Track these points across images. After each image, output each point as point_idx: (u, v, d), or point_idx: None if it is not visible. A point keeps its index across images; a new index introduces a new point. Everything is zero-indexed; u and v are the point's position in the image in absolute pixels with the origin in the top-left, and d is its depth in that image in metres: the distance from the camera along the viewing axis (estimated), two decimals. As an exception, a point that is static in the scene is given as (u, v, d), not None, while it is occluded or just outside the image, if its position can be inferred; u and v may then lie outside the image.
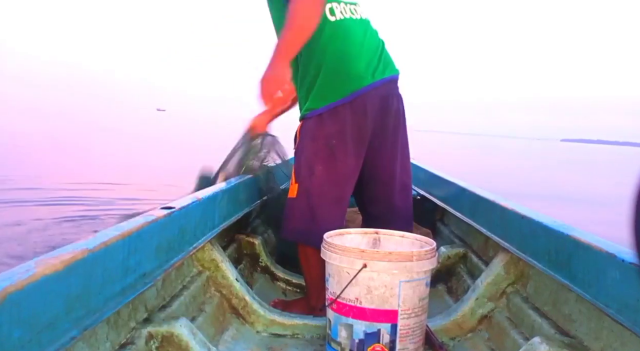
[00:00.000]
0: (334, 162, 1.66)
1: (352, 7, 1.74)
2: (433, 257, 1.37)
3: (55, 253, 0.86)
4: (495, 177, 12.80)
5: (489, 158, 26.92)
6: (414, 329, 1.34)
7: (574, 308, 1.30)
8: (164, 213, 1.26)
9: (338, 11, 1.70)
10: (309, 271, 1.78)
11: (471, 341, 1.60)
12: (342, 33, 1.68)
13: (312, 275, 1.76)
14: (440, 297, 2.02)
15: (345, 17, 1.70)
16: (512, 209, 1.61)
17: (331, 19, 1.68)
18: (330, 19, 1.68)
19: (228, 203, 1.81)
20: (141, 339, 1.16)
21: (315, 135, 1.69)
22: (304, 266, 1.80)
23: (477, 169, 15.37)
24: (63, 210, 4.73)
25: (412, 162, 2.09)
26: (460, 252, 2.12)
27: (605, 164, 29.31)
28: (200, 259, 1.70)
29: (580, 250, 1.20)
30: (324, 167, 1.67)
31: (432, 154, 22.72)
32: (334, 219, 1.68)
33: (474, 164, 18.89)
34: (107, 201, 5.40)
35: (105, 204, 5.22)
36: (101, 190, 6.05)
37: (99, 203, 5.24)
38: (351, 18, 1.72)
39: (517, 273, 1.63)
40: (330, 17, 1.68)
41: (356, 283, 1.32)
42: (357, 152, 1.69)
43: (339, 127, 1.65)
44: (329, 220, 1.66)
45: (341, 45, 1.67)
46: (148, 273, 1.16)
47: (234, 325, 1.66)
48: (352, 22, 1.71)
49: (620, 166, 26.73)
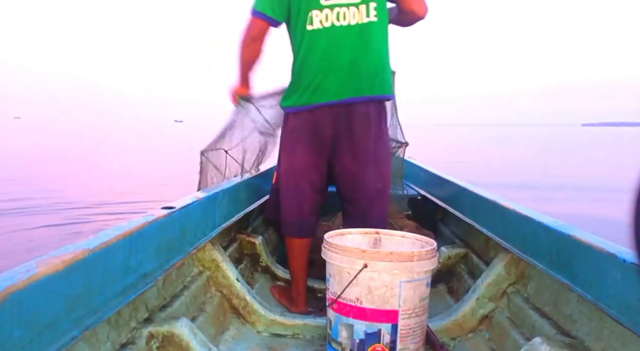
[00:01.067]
0: (293, 153, 1.80)
1: (342, 11, 1.67)
2: (434, 257, 1.37)
3: (56, 253, 0.86)
4: (517, 168, 12.69)
5: (512, 148, 26.40)
6: (414, 329, 1.34)
7: (574, 309, 1.30)
8: (165, 213, 1.26)
9: (317, 19, 1.68)
10: (289, 257, 1.89)
11: (472, 341, 1.60)
12: (312, 45, 1.69)
13: (290, 262, 1.89)
14: (441, 297, 2.02)
15: (323, 27, 1.68)
16: (513, 209, 1.61)
17: (308, 28, 1.69)
18: (308, 29, 1.69)
19: (229, 203, 1.82)
20: (142, 339, 1.16)
21: (284, 129, 1.86)
22: (287, 253, 1.92)
23: (495, 160, 15.27)
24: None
25: (412, 162, 2.08)
26: (461, 252, 2.12)
27: (629, 148, 28.29)
28: (200, 259, 1.70)
29: (581, 251, 1.20)
30: (285, 157, 1.84)
31: (457, 147, 22.55)
32: (292, 208, 1.82)
33: (493, 155, 18.81)
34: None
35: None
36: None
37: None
38: (331, 27, 1.67)
39: (518, 273, 1.62)
40: (308, 27, 1.69)
41: (357, 283, 1.32)
42: (315, 151, 1.76)
43: (299, 124, 1.77)
44: (288, 208, 1.83)
45: (308, 57, 1.70)
46: (149, 273, 1.16)
47: (234, 325, 1.66)
48: (329, 32, 1.68)
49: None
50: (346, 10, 1.68)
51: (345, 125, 1.72)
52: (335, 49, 1.68)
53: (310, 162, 1.77)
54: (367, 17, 1.69)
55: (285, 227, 1.85)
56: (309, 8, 1.68)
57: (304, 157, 1.77)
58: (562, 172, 11.96)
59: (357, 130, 1.72)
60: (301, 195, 1.80)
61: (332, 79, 1.69)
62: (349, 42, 1.68)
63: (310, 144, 1.75)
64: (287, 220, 1.83)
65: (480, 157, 17.77)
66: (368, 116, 1.73)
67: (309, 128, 1.74)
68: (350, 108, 1.71)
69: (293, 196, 1.81)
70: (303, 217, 1.81)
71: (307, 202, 1.80)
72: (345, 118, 1.71)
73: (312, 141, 1.75)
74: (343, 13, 1.68)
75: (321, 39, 1.69)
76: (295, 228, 1.83)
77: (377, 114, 1.76)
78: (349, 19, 1.68)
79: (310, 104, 1.72)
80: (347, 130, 1.72)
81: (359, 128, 1.72)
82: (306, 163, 1.77)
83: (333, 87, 1.69)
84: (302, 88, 1.74)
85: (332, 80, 1.69)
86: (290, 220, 1.82)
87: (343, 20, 1.68)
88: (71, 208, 5.70)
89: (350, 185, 1.78)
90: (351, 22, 1.68)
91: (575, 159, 17.66)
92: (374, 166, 1.77)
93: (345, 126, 1.72)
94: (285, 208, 1.84)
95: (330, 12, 1.67)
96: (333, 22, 1.68)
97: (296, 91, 1.76)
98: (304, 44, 1.71)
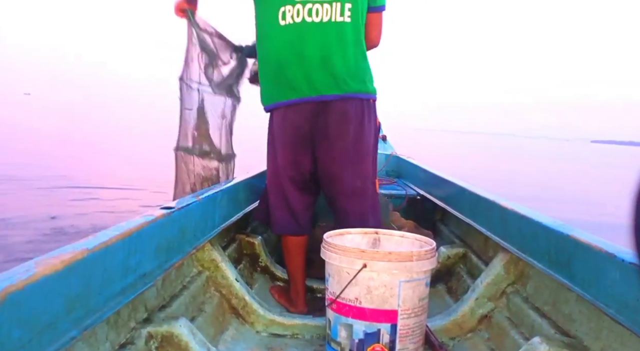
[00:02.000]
0: (274, 154, 1.81)
1: (315, 7, 1.65)
2: (433, 257, 1.37)
3: (55, 253, 0.86)
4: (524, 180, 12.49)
5: (519, 160, 26.29)
6: (413, 329, 1.34)
7: (573, 308, 1.30)
8: (164, 213, 1.26)
9: (289, 15, 1.66)
10: (285, 257, 1.90)
11: (471, 341, 1.60)
12: (284, 40, 1.68)
13: (287, 262, 1.90)
14: (440, 297, 2.02)
15: (294, 22, 1.66)
16: (511, 209, 1.61)
17: (281, 23, 1.67)
18: (281, 24, 1.67)
19: (228, 203, 1.81)
20: (141, 339, 1.16)
21: (268, 130, 1.84)
22: (283, 253, 1.92)
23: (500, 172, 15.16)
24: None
25: (411, 162, 2.07)
26: (460, 251, 2.12)
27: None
28: (200, 259, 1.70)
29: (580, 250, 1.20)
30: (268, 157, 1.85)
31: (466, 156, 22.34)
32: (278, 206, 1.84)
33: (500, 166, 18.67)
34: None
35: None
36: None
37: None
38: (302, 22, 1.66)
39: (517, 273, 1.63)
40: (280, 22, 1.67)
41: (356, 283, 1.32)
42: (293, 148, 1.75)
43: (277, 124, 1.77)
44: (275, 207, 1.85)
45: (280, 52, 1.69)
46: (148, 273, 1.16)
47: (233, 325, 1.66)
48: (301, 27, 1.66)
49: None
50: (319, 6, 1.66)
51: (322, 122, 1.70)
52: (306, 44, 1.66)
53: (289, 160, 1.77)
54: (341, 16, 1.67)
55: (275, 226, 1.86)
56: (281, 3, 1.66)
57: (283, 155, 1.77)
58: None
59: (333, 128, 1.70)
60: (285, 193, 1.81)
61: (304, 74, 1.67)
62: (320, 38, 1.66)
63: (289, 142, 1.75)
64: (277, 219, 1.85)
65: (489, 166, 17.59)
66: (346, 114, 1.70)
67: (286, 126, 1.74)
68: (327, 106, 1.69)
69: (278, 195, 1.83)
70: (291, 214, 1.82)
71: (293, 199, 1.81)
72: (321, 116, 1.70)
73: (290, 138, 1.74)
74: (315, 9, 1.66)
75: (292, 34, 1.66)
76: (286, 225, 1.84)
77: (358, 112, 1.72)
78: (321, 15, 1.66)
79: (286, 100, 1.72)
80: (323, 128, 1.71)
81: (335, 125, 1.70)
82: (285, 161, 1.77)
83: (306, 83, 1.68)
84: (275, 85, 1.74)
85: (304, 76, 1.68)
86: (279, 218, 1.84)
87: (315, 17, 1.66)
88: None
89: (329, 183, 1.78)
90: (324, 19, 1.66)
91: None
92: (352, 164, 1.75)
93: (322, 123, 1.70)
94: (273, 207, 1.85)
95: (302, 8, 1.66)
96: (304, 17, 1.66)
97: (270, 88, 1.77)
98: (275, 40, 1.70)
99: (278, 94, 1.74)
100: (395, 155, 3.62)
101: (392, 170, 3.52)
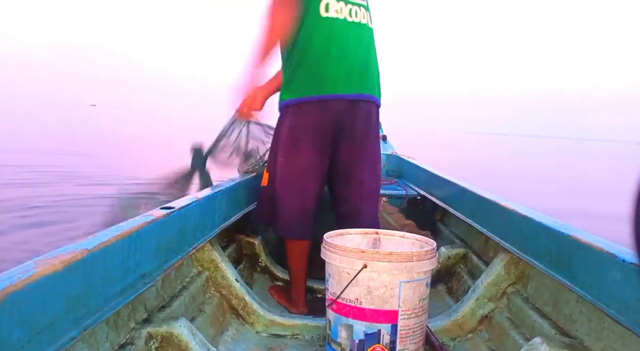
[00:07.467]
0: (296, 154, 1.73)
1: (354, 9, 1.68)
2: (433, 257, 1.37)
3: (55, 253, 0.86)
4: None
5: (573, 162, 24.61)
6: (414, 329, 1.34)
7: (574, 309, 1.30)
8: (164, 213, 1.26)
9: (333, 9, 1.65)
10: (289, 259, 1.87)
11: (471, 341, 1.60)
12: (329, 32, 1.64)
13: (290, 264, 1.86)
14: (440, 297, 2.02)
15: (338, 17, 1.65)
16: (512, 209, 1.61)
17: (323, 14, 1.64)
18: (322, 15, 1.64)
19: (228, 203, 1.81)
20: (141, 339, 1.16)
21: (283, 127, 1.76)
22: (287, 255, 1.88)
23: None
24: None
25: (411, 162, 2.07)
26: (461, 252, 2.11)
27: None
28: (199, 259, 1.69)
29: (581, 251, 1.20)
30: (286, 158, 1.75)
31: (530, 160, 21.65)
32: (294, 209, 1.76)
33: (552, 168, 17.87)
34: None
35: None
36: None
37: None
38: (345, 20, 1.66)
39: (518, 273, 1.62)
40: (323, 13, 1.64)
41: (356, 284, 1.32)
42: (319, 149, 1.72)
43: (303, 122, 1.70)
44: (290, 210, 1.76)
45: (323, 44, 1.65)
46: (148, 273, 1.16)
47: (233, 325, 1.66)
48: (345, 24, 1.66)
49: None
50: (357, 9, 1.69)
51: (349, 121, 1.70)
52: (349, 41, 1.66)
53: (313, 161, 1.72)
54: (370, 22, 1.75)
55: (286, 229, 1.79)
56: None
57: (308, 156, 1.71)
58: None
59: (359, 128, 1.71)
60: (305, 195, 1.75)
61: (345, 71, 1.65)
62: (359, 38, 1.69)
63: (314, 142, 1.70)
64: (289, 222, 1.78)
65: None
66: (369, 115, 1.73)
67: (312, 124, 1.68)
68: (355, 105, 1.69)
69: (296, 197, 1.75)
70: (306, 218, 1.77)
71: (310, 202, 1.76)
72: (350, 115, 1.69)
73: (315, 138, 1.70)
74: (355, 11, 1.69)
75: (337, 28, 1.65)
76: (298, 230, 1.78)
77: (376, 116, 1.77)
78: (360, 17, 1.70)
79: (319, 95, 1.65)
80: (350, 127, 1.70)
81: (361, 126, 1.72)
82: (310, 162, 1.72)
83: (344, 79, 1.65)
84: (313, 77, 1.66)
85: (345, 73, 1.65)
86: (292, 222, 1.77)
87: (355, 17, 1.68)
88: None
89: (346, 182, 1.77)
90: (362, 20, 1.71)
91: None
92: (370, 166, 1.77)
93: (349, 122, 1.70)
94: (286, 210, 1.77)
95: (344, 6, 1.67)
96: (346, 16, 1.67)
97: (302, 81, 1.67)
98: (317, 31, 1.64)
99: (315, 87, 1.65)
100: (396, 155, 3.62)
101: (392, 170, 3.52)
